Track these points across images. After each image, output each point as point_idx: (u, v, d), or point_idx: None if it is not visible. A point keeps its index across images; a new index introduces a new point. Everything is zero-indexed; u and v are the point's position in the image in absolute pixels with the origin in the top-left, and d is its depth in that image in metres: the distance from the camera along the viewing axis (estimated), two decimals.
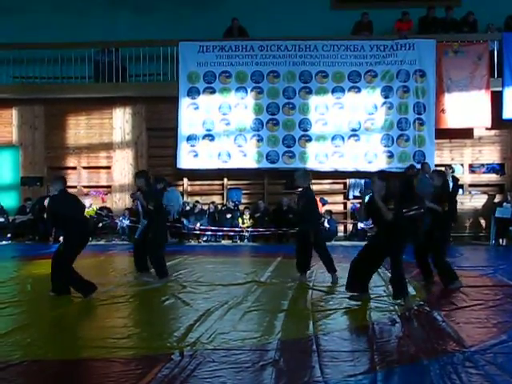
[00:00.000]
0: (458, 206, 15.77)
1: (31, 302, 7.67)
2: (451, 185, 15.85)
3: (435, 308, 6.81)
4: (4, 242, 15.88)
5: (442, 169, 14.14)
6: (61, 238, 15.43)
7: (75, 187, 17.53)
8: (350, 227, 17.28)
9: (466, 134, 16.93)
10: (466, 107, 16.45)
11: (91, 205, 16.74)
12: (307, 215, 9.03)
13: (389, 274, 9.39)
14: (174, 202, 16.02)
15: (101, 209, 16.81)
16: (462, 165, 17.05)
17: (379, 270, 9.54)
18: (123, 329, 5.98)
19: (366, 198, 7.86)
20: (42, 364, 4.78)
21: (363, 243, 8.91)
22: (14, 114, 17.81)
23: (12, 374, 4.43)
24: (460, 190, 16.36)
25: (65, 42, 16.81)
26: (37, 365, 4.74)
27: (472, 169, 17.17)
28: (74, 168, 17.71)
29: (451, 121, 16.67)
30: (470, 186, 17.07)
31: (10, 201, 17.38)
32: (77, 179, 17.73)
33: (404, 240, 7.26)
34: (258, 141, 16.97)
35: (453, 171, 15.94)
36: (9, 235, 16.28)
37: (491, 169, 17.11)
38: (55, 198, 7.98)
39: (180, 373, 4.39)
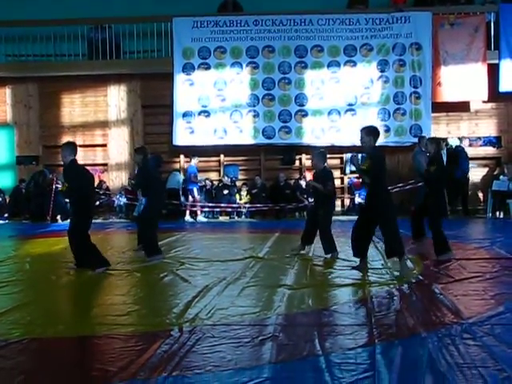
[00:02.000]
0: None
1: (30, 280, 7.68)
2: (444, 159, 15.92)
3: (433, 281, 6.83)
4: (1, 222, 15.87)
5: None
6: (58, 217, 15.65)
7: None
8: (347, 202, 17.32)
9: (462, 107, 16.92)
10: (463, 80, 16.40)
11: None
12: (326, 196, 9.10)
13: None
14: (175, 185, 16.22)
15: (98, 187, 16.75)
16: (458, 138, 17.03)
17: (377, 244, 9.61)
18: (122, 306, 5.99)
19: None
20: (42, 342, 4.79)
21: None
22: (7, 92, 17.72)
23: (12, 352, 4.44)
24: None
25: (57, 18, 16.64)
26: (37, 342, 4.75)
27: (469, 142, 17.14)
28: None
29: (448, 94, 16.64)
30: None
31: (6, 180, 17.36)
32: None
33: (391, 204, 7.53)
34: (254, 116, 16.93)
35: (446, 145, 15.95)
36: (6, 215, 16.27)
37: (488, 142, 17.11)
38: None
39: (179, 348, 4.40)
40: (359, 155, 9.24)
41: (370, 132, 7.54)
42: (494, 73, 16.37)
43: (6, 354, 4.39)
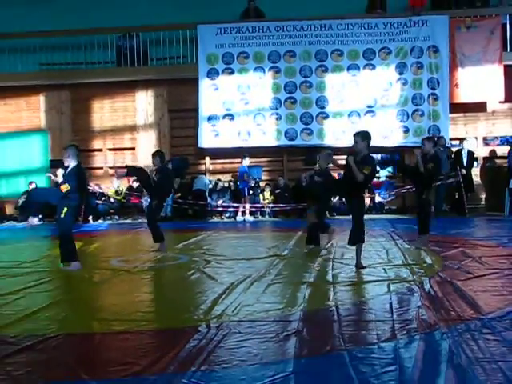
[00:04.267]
0: (474, 179, 15.86)
1: (63, 278, 7.75)
2: (466, 158, 15.81)
3: (452, 277, 6.76)
4: (36, 222, 16.02)
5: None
6: (90, 218, 15.82)
7: (101, 168, 17.70)
8: (367, 201, 17.20)
9: (479, 107, 16.73)
10: (480, 81, 16.23)
11: (118, 186, 16.87)
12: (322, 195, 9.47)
13: (406, 245, 9.43)
14: (202, 187, 16.47)
15: (128, 189, 16.87)
16: (476, 138, 16.84)
17: (397, 241, 9.56)
18: (151, 303, 6.04)
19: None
20: (77, 337, 4.84)
21: (381, 216, 9.03)
22: (41, 99, 17.94)
23: (49, 347, 4.49)
24: (474, 163, 16.28)
25: (88, 28, 16.81)
26: (71, 338, 4.80)
27: (486, 142, 16.97)
28: (100, 150, 17.82)
29: (465, 95, 16.48)
30: (485, 158, 16.90)
31: (41, 183, 17.50)
32: (103, 161, 17.86)
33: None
34: (277, 119, 16.93)
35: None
36: (40, 216, 16.43)
37: (505, 141, 16.86)
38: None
39: (207, 344, 4.41)
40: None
41: (366, 137, 7.68)
42: (510, 73, 16.14)
43: (43, 348, 4.44)
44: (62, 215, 8.04)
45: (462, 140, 16.31)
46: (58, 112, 17.88)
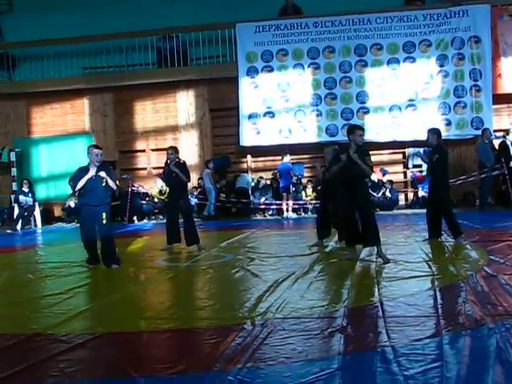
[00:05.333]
0: None
1: (110, 278, 7.89)
2: None
3: (498, 272, 6.63)
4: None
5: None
6: (134, 218, 16.04)
7: (145, 169, 17.94)
8: (410, 196, 17.05)
9: None
10: None
11: (162, 185, 17.07)
12: None
13: (450, 240, 9.30)
14: (244, 185, 16.57)
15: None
16: None
17: (442, 237, 9.43)
18: (197, 301, 6.10)
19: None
20: (125, 335, 4.92)
21: (425, 211, 8.98)
22: (85, 103, 18.31)
23: (99, 345, 4.59)
24: None
25: (128, 31, 17.06)
26: (119, 336, 4.88)
27: None
28: (143, 151, 18.06)
29: (508, 85, 16.15)
30: None
31: None
32: (146, 161, 18.10)
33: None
34: (317, 115, 16.90)
35: (508, 133, 15.58)
36: None
37: None
38: None
39: (252, 341, 4.43)
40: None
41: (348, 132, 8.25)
42: None
43: (93, 346, 4.54)
44: (104, 221, 8.20)
45: (506, 131, 15.97)
46: (102, 114, 18.22)
